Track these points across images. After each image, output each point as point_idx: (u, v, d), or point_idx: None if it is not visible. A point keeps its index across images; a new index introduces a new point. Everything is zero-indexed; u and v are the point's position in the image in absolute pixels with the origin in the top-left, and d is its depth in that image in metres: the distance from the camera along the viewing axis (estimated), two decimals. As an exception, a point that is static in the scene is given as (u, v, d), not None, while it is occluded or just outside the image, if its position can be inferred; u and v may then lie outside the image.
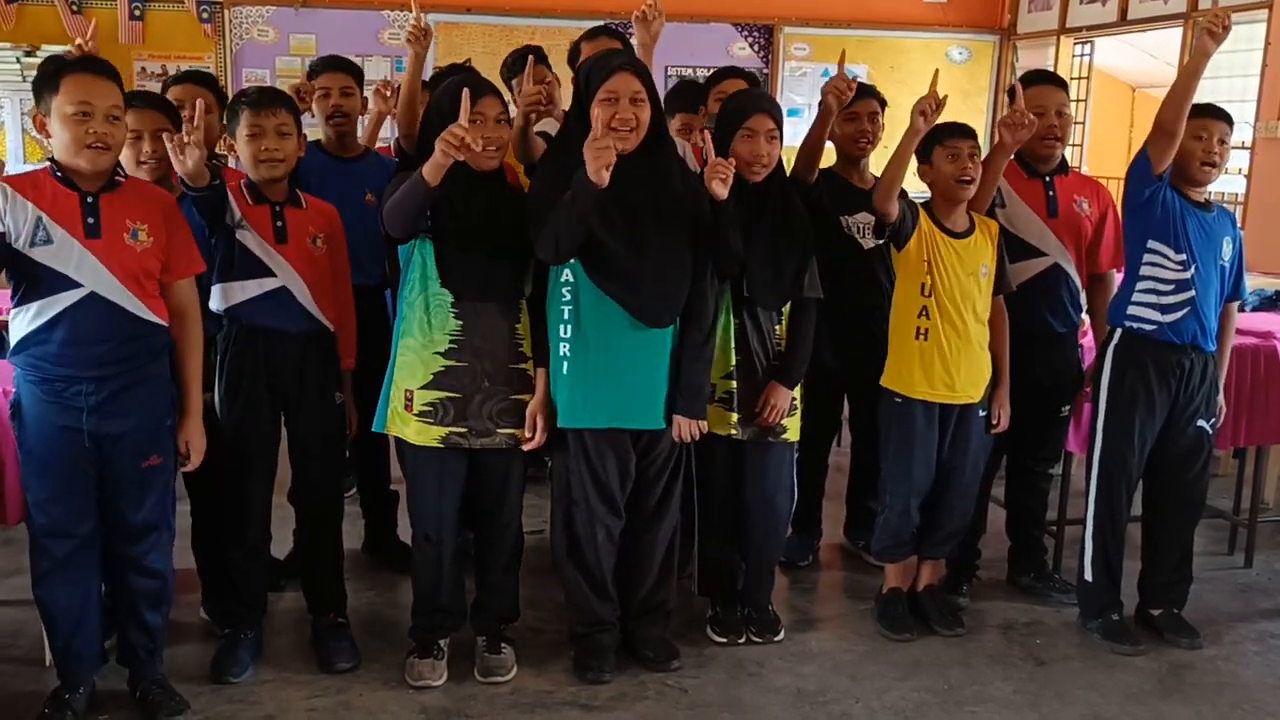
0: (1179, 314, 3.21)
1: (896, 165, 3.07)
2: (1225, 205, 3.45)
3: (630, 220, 2.85)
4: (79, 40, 3.21)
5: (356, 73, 3.66)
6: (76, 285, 2.54)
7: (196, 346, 2.79)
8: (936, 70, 3.19)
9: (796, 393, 3.18)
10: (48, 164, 2.60)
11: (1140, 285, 3.26)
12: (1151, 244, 3.24)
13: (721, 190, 2.87)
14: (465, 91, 2.68)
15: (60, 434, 2.59)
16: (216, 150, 3.37)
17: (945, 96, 3.06)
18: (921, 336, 3.22)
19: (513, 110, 3.11)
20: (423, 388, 2.87)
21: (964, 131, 3.21)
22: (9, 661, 3.07)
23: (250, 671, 3.01)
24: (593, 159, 2.68)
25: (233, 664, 2.98)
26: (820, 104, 3.33)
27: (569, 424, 2.93)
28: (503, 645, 3.08)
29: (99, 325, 2.57)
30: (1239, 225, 3.43)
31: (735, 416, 3.12)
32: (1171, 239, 3.21)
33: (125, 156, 2.79)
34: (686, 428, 2.98)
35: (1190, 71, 3.08)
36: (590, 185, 2.69)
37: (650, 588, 3.12)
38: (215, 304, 2.94)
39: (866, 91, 3.69)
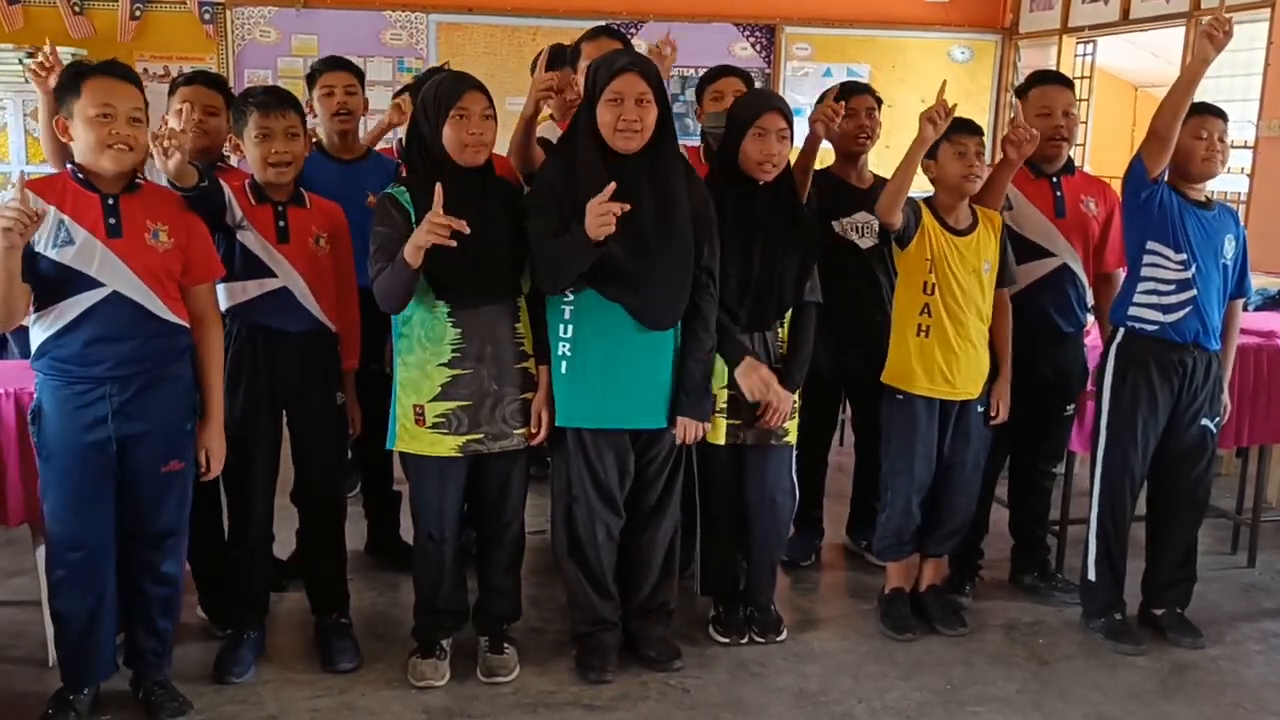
0: (1181, 313, 3.21)
1: (902, 175, 3.05)
2: (1229, 204, 3.44)
3: (632, 222, 2.83)
4: (44, 53, 3.06)
5: (358, 72, 3.66)
6: (99, 284, 2.55)
7: (217, 353, 2.80)
8: (944, 81, 3.16)
9: (796, 394, 3.17)
10: (69, 167, 2.62)
11: (1141, 286, 3.26)
12: (1151, 245, 3.23)
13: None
14: (439, 187, 2.65)
15: (84, 446, 2.59)
16: (223, 151, 3.36)
17: (954, 105, 3.03)
18: (923, 333, 3.22)
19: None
20: (433, 400, 2.87)
21: (970, 128, 3.19)
22: (10, 661, 3.06)
23: (253, 672, 3.01)
24: (594, 219, 2.69)
25: (235, 664, 2.98)
26: (809, 131, 3.33)
27: (567, 423, 2.93)
28: (505, 645, 3.08)
29: (121, 324, 2.57)
30: (1241, 223, 3.42)
31: (735, 423, 3.12)
32: (1170, 239, 3.20)
33: None
34: (692, 430, 2.98)
35: (1188, 79, 3.08)
36: (588, 239, 2.71)
37: (652, 587, 3.12)
38: (217, 303, 2.94)
39: (861, 87, 3.72)
